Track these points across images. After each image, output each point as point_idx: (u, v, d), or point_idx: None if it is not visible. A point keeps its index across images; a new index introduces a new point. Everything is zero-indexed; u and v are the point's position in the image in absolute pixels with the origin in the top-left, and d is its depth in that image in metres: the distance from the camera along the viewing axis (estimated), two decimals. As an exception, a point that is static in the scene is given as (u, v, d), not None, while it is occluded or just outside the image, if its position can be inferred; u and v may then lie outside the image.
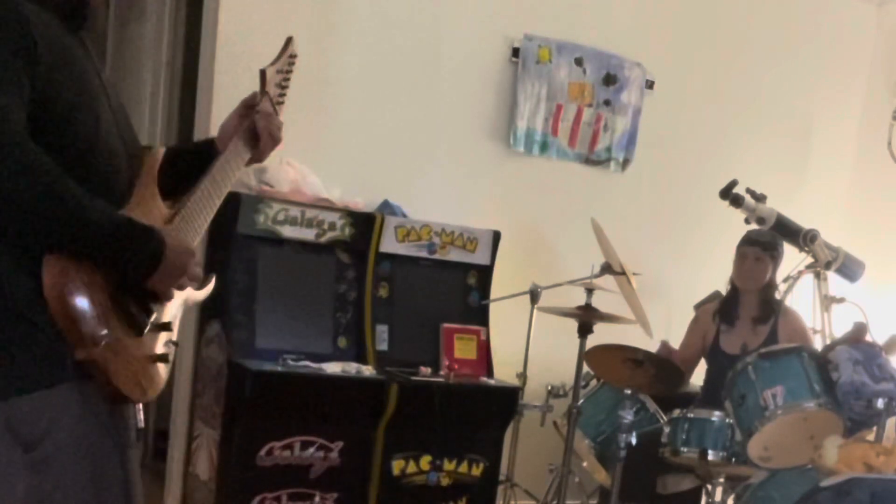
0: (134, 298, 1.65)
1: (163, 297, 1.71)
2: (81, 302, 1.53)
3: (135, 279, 1.63)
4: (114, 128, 1.69)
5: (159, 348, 1.73)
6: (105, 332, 1.56)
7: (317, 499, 3.48)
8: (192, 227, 1.80)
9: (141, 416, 1.76)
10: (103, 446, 1.63)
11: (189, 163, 1.91)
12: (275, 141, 2.00)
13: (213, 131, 3.77)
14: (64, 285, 1.51)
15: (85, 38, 1.71)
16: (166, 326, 1.75)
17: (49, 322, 1.52)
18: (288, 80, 2.11)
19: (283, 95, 2.09)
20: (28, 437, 1.54)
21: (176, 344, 1.81)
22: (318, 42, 3.88)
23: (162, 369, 1.74)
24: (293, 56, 2.11)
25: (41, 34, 1.55)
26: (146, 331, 1.68)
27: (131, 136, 1.78)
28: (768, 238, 3.96)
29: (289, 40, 2.12)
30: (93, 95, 1.65)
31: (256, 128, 1.97)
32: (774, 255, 3.91)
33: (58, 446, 1.56)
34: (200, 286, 1.84)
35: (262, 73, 2.02)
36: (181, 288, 1.73)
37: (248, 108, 2.00)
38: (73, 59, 1.63)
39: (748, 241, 3.92)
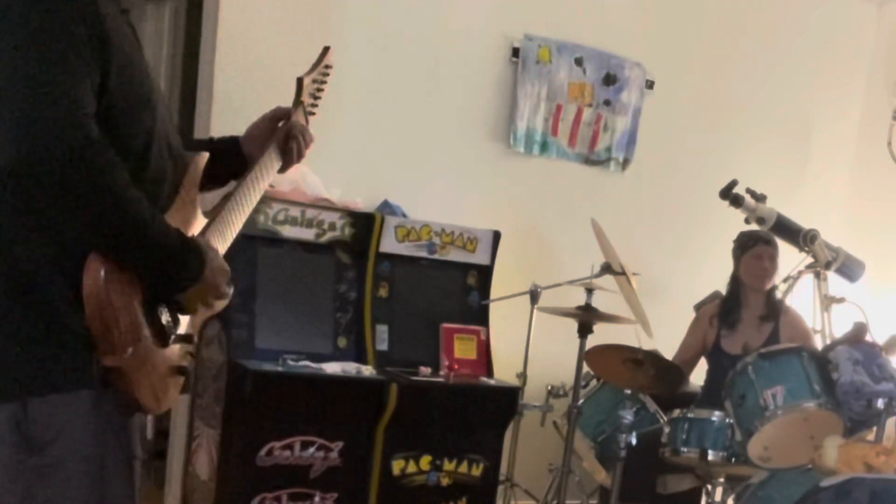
0: (164, 308, 1.64)
1: (190, 311, 1.70)
2: (118, 306, 1.50)
3: (169, 291, 1.62)
4: (164, 129, 1.67)
5: (179, 360, 1.71)
6: (136, 340, 1.54)
7: (317, 499, 3.48)
8: (222, 237, 1.80)
9: (150, 427, 1.74)
10: (113, 456, 1.60)
11: (213, 162, 1.86)
12: (301, 156, 2.00)
13: (214, 131, 3.78)
14: (103, 289, 1.48)
15: (137, 32, 1.69)
16: (189, 338, 1.73)
17: (79, 325, 1.49)
18: (322, 90, 2.08)
19: (315, 106, 2.07)
20: (37, 440, 1.52)
21: (193, 356, 1.79)
22: (317, 42, 3.84)
23: (178, 381, 1.72)
24: (328, 66, 2.08)
25: (112, 27, 1.52)
26: (171, 342, 1.66)
27: (176, 136, 1.76)
28: (773, 237, 4.00)
29: (325, 50, 2.08)
30: (151, 94, 1.63)
31: (288, 143, 1.95)
32: (778, 255, 3.94)
33: (66, 452, 1.54)
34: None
35: (300, 81, 1.99)
36: (209, 307, 1.71)
37: (283, 115, 1.98)
38: (137, 55, 1.60)
39: (764, 241, 3.92)
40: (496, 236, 3.99)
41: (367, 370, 3.56)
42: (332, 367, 3.48)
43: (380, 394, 3.51)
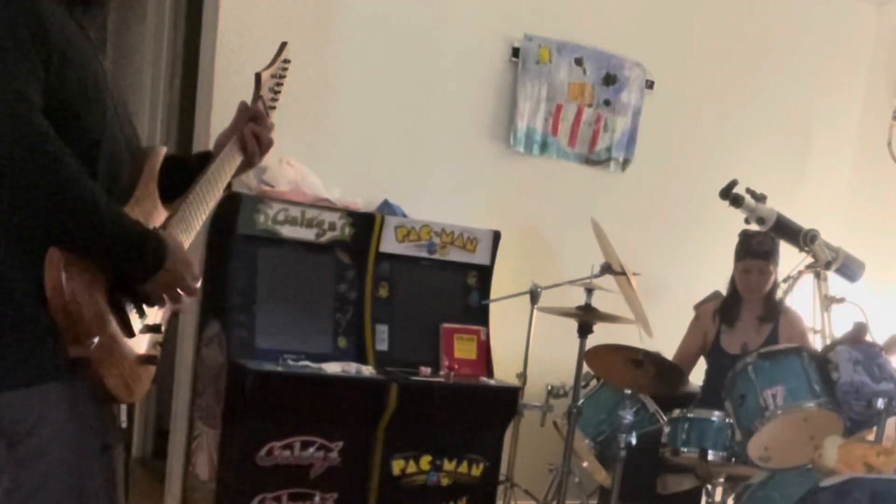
0: (129, 299, 1.66)
1: (154, 303, 1.71)
2: (80, 298, 1.53)
3: (132, 281, 1.64)
4: (117, 122, 1.70)
5: (148, 349, 1.73)
6: (101, 330, 1.56)
7: (317, 499, 3.48)
8: (186, 228, 1.81)
9: (123, 416, 1.76)
10: (89, 446, 1.63)
11: (183, 170, 1.91)
12: (262, 144, 2.00)
13: (214, 132, 3.77)
14: (64, 280, 1.50)
15: (89, 31, 1.71)
16: (156, 328, 1.75)
17: (45, 318, 1.51)
18: (281, 84, 2.12)
19: (275, 100, 2.10)
20: (14, 434, 1.54)
21: (162, 345, 1.81)
22: (317, 42, 3.88)
23: (149, 371, 1.74)
24: (287, 61, 2.12)
25: (53, 23, 1.55)
26: (138, 332, 1.68)
27: (133, 131, 1.79)
28: (768, 246, 3.88)
29: (283, 45, 2.12)
30: (100, 88, 1.65)
31: (246, 136, 1.97)
32: (776, 261, 3.88)
33: (43, 444, 1.56)
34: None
35: (258, 76, 2.03)
36: (174, 299, 1.72)
37: (243, 114, 2.01)
38: (81, 50, 1.63)
39: (752, 254, 3.84)
40: (496, 236, 3.99)
41: (367, 370, 3.57)
42: (332, 367, 3.48)
43: (380, 394, 3.52)
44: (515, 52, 4.28)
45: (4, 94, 1.46)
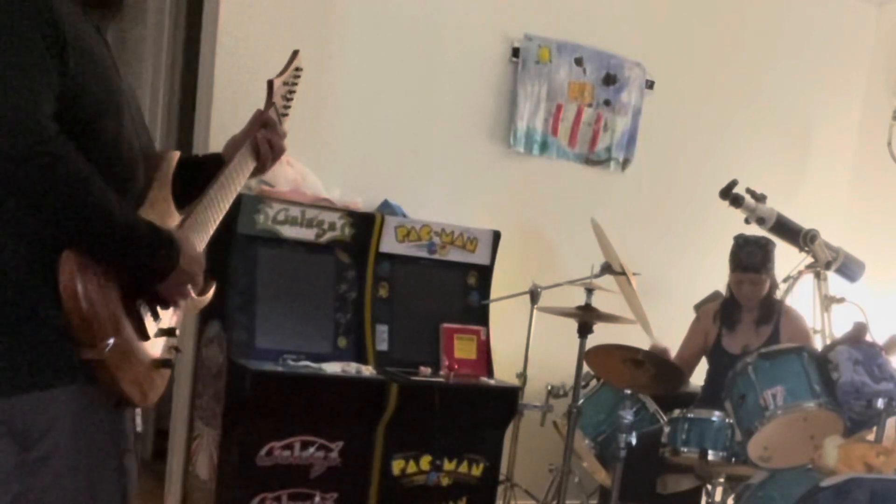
0: (144, 302, 1.65)
1: (169, 304, 1.71)
2: (95, 300, 1.52)
3: (147, 283, 1.64)
4: (132, 126, 1.69)
5: (163, 353, 1.73)
6: (116, 332, 1.56)
7: (317, 499, 3.48)
8: (199, 232, 1.81)
9: (139, 420, 1.76)
10: (102, 449, 1.63)
11: (195, 174, 1.90)
12: (275, 151, 2.00)
13: (213, 135, 3.78)
14: (79, 282, 1.50)
15: (105, 35, 1.70)
16: (171, 332, 1.75)
17: (59, 321, 1.51)
18: (293, 92, 2.11)
19: (287, 107, 2.10)
20: (26, 436, 1.54)
21: (178, 350, 1.81)
22: (318, 42, 3.88)
23: (164, 374, 1.74)
24: (299, 69, 2.11)
25: (70, 29, 1.54)
26: (153, 335, 1.68)
27: (147, 135, 1.79)
28: (759, 257, 3.78)
29: (295, 53, 2.12)
30: (116, 93, 1.65)
31: (259, 142, 1.97)
32: (769, 269, 3.82)
33: (56, 447, 1.56)
34: (201, 293, 1.84)
35: (270, 83, 2.02)
36: (185, 297, 1.72)
37: (256, 121, 2.01)
38: (99, 55, 1.62)
39: (742, 267, 3.79)
40: (496, 236, 3.99)
41: (367, 370, 3.57)
42: (332, 367, 3.48)
43: (380, 394, 3.52)
44: (515, 52, 4.28)
45: (14, 97, 1.45)
